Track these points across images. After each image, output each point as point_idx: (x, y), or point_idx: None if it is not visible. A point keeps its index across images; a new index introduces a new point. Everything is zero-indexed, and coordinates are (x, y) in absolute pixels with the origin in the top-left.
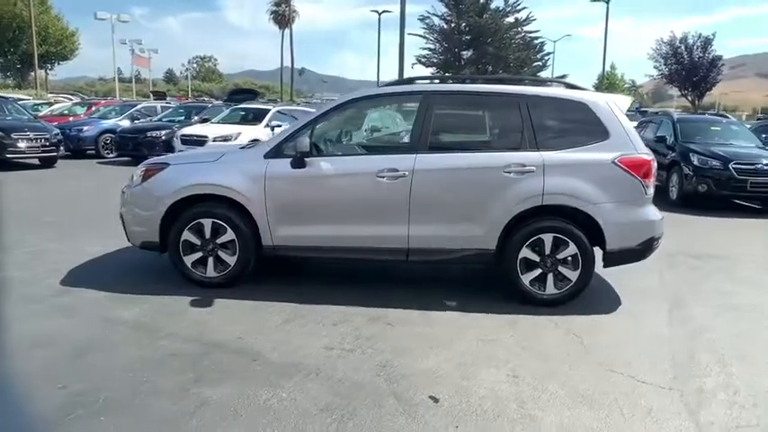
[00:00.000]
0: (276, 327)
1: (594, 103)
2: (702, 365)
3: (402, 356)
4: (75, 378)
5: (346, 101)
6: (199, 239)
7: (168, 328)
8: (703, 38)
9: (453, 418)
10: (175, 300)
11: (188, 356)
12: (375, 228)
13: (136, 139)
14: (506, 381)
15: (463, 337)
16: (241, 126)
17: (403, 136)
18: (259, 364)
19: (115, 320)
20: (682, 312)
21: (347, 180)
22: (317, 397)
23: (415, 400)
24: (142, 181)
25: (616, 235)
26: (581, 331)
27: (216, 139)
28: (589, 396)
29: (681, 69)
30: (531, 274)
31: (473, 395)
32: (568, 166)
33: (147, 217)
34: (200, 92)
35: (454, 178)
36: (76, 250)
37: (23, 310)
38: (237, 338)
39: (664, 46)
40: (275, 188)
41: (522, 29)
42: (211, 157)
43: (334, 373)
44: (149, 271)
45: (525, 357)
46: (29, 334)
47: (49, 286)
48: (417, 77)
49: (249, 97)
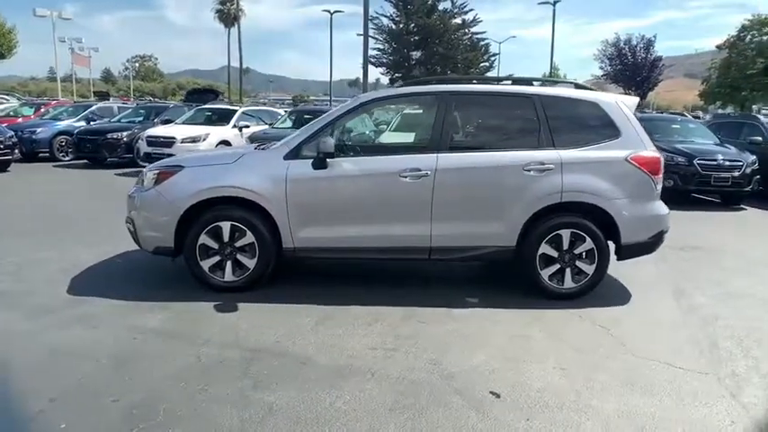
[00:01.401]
0: (311, 329)
1: (606, 102)
2: (726, 351)
3: (447, 354)
4: (125, 390)
5: (366, 101)
6: (216, 243)
7: (202, 335)
8: (645, 39)
9: (521, 412)
10: (197, 305)
11: (235, 362)
12: (397, 227)
13: (95, 141)
14: (556, 374)
15: (496, 333)
16: (209, 127)
17: (373, 137)
18: (309, 367)
19: (142, 329)
20: (687, 301)
21: (370, 180)
22: (380, 397)
23: (478, 397)
24: (155, 184)
25: (629, 229)
26: (605, 323)
27: (184, 141)
28: (637, 384)
29: (625, 70)
30: (549, 269)
31: (530, 388)
32: (585, 164)
33: (161, 221)
34: (142, 92)
35: (476, 177)
36: (69, 258)
37: (39, 322)
38: (276, 342)
39: (609, 47)
40: (297, 189)
41: (469, 30)
42: (228, 159)
43: (389, 372)
44: (156, 276)
45: (563, 350)
46: (54, 347)
47: (57, 297)
48: (432, 78)
49: (210, 97)
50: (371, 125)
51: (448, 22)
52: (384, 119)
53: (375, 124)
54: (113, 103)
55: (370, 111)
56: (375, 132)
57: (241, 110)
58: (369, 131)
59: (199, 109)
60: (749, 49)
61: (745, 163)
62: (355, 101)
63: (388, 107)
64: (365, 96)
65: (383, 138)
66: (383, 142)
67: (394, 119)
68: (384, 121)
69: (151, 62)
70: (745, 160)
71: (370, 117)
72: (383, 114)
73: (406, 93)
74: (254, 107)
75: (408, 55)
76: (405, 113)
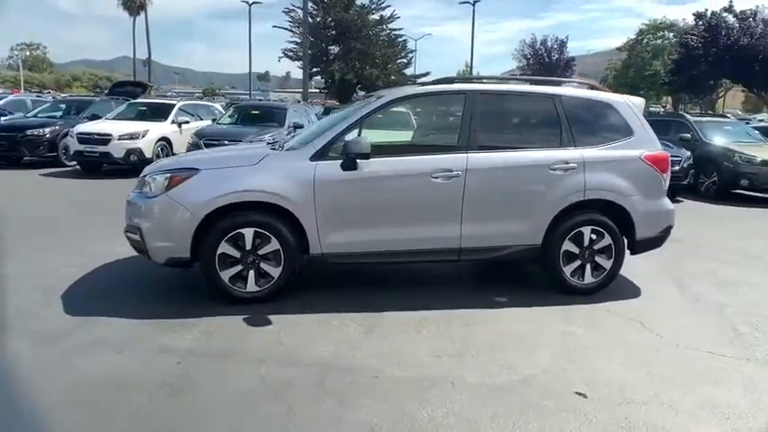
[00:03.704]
0: (361, 339)
1: (619, 103)
2: (751, 336)
3: (509, 355)
4: (202, 423)
5: (391, 99)
6: (238, 252)
7: (249, 353)
8: (559, 41)
9: (614, 411)
10: (223, 320)
11: (304, 381)
12: (428, 229)
13: (13, 139)
14: (621, 369)
15: (544, 332)
16: (146, 123)
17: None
18: (384, 380)
19: (177, 350)
20: (690, 291)
21: (401, 181)
22: (474, 406)
23: (566, 398)
24: (166, 189)
25: (643, 225)
26: (634, 316)
27: (122, 138)
28: (700, 374)
29: (542, 69)
30: (572, 265)
31: (608, 386)
32: (605, 163)
33: (175, 230)
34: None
35: (505, 176)
36: (44, 272)
37: (52, 351)
38: (334, 356)
39: (527, 48)
40: (326, 192)
41: (387, 26)
42: (247, 160)
43: (467, 380)
44: (156, 289)
45: (614, 346)
46: (86, 380)
47: (57, 319)
48: (456, 77)
49: (138, 91)
50: None
51: (365, 17)
52: (299, 116)
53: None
54: (26, 96)
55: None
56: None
57: (179, 105)
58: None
59: (131, 104)
60: (645, 52)
61: (683, 158)
62: (383, 98)
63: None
64: (393, 94)
65: (408, 137)
66: (408, 141)
67: (299, 116)
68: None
69: (39, 51)
70: (682, 156)
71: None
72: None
73: (435, 91)
74: (190, 102)
75: (326, 49)
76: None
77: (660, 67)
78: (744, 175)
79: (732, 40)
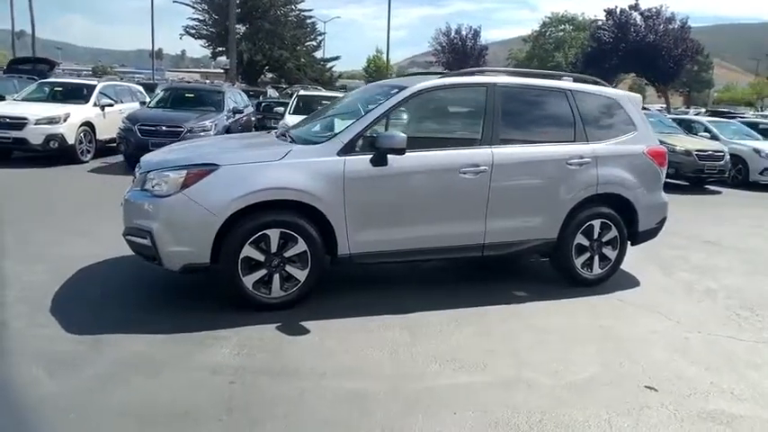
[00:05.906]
0: (411, 343)
1: (622, 98)
2: (754, 320)
3: (560, 352)
4: None
5: (416, 91)
6: (261, 255)
7: (302, 366)
8: (473, 30)
9: (689, 402)
10: (254, 330)
11: (381, 394)
12: (455, 225)
13: None
14: (674, 359)
15: (575, 325)
16: (65, 105)
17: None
18: (459, 386)
19: (221, 368)
20: (679, 278)
21: (432, 177)
22: (560, 407)
23: (639, 393)
24: (182, 188)
25: (644, 217)
26: (646, 305)
27: (39, 122)
28: (740, 360)
29: (456, 58)
30: (582, 257)
31: (669, 378)
32: (614, 157)
33: (194, 233)
34: None
35: (527, 171)
36: (20, 284)
37: (75, 378)
38: (393, 362)
39: (442, 36)
40: (356, 189)
41: (296, 6)
42: (270, 155)
43: (539, 379)
44: (155, 296)
45: (647, 336)
46: (131, 410)
47: (65, 339)
48: (479, 69)
49: (45, 68)
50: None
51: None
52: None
53: None
54: None
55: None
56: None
57: (100, 85)
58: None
59: (42, 83)
60: (548, 44)
61: (725, 153)
62: (407, 90)
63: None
64: (419, 85)
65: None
66: (431, 135)
67: (292, 100)
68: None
69: None
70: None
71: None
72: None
73: (459, 83)
74: (112, 83)
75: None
76: (300, 95)
77: (562, 59)
78: (669, 165)
79: (640, 36)
